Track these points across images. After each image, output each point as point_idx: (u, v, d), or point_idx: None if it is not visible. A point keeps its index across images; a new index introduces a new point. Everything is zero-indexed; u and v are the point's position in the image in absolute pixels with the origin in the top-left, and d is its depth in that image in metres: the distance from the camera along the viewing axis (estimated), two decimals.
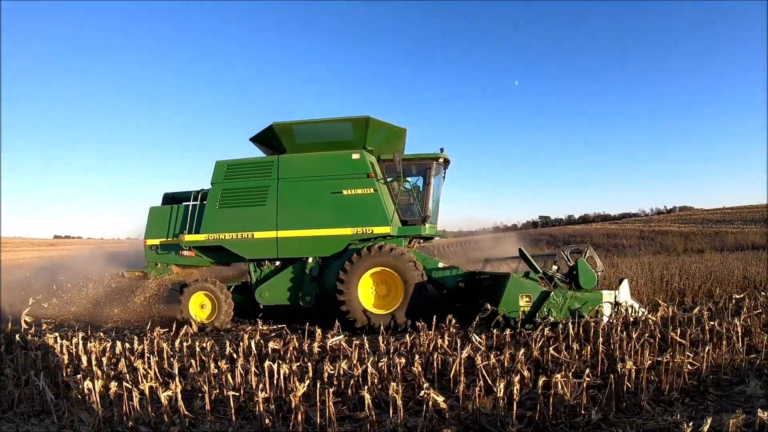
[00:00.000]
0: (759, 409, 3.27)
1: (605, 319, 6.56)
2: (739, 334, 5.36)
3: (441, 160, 9.01)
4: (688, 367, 4.50)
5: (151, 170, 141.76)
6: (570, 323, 5.99)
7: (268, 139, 8.99)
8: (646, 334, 5.54)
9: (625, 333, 5.50)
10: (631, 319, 6.49)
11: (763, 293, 7.98)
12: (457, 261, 13.29)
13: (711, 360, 4.76)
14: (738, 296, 7.61)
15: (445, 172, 9.44)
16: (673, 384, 4.30)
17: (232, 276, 10.69)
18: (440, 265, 8.56)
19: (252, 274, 9.13)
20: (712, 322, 5.67)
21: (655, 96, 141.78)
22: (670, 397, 4.15)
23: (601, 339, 5.50)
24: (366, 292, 8.18)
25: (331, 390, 3.80)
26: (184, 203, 9.35)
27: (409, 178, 9.20)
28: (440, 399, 3.70)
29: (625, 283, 7.47)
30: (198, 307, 8.79)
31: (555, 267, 7.90)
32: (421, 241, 10.05)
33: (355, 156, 8.48)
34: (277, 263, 9.00)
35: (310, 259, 8.65)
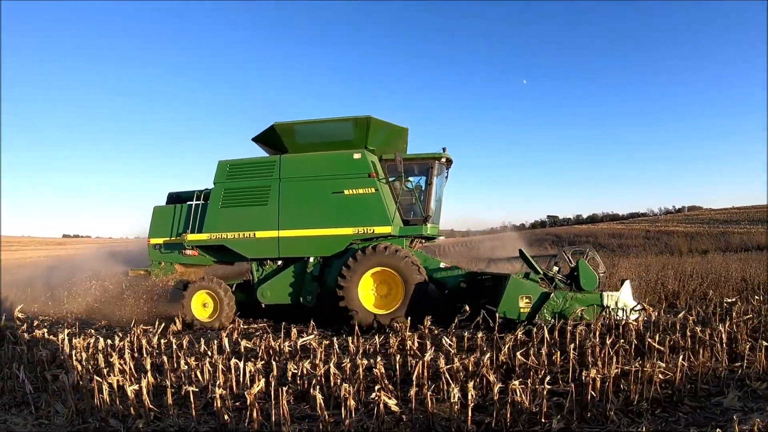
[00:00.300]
0: (719, 429, 3.17)
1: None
2: (723, 340, 5.12)
3: (443, 160, 8.98)
4: (660, 376, 4.30)
5: (159, 170, 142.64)
6: (545, 327, 5.89)
7: (269, 139, 9.04)
8: (622, 340, 5.34)
9: (598, 338, 5.30)
10: (619, 323, 6.27)
11: (756, 297, 7.69)
12: (461, 261, 13.27)
13: (688, 369, 4.53)
14: (729, 300, 7.37)
15: (447, 172, 9.40)
16: (644, 393, 4.11)
17: (235, 275, 10.75)
18: (442, 265, 8.54)
19: (254, 273, 9.17)
20: (698, 327, 5.45)
21: (670, 94, 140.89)
22: (639, 408, 3.97)
23: (573, 344, 5.31)
24: (367, 292, 8.17)
25: (285, 389, 3.86)
26: (187, 203, 9.44)
27: (411, 178, 9.18)
28: (392, 402, 3.70)
29: (627, 284, 7.32)
30: (200, 305, 8.86)
31: (556, 268, 7.83)
32: (423, 241, 10.04)
33: (357, 156, 8.50)
34: (279, 263, 9.03)
35: (312, 259, 8.67)
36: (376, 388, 3.80)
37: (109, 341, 6.28)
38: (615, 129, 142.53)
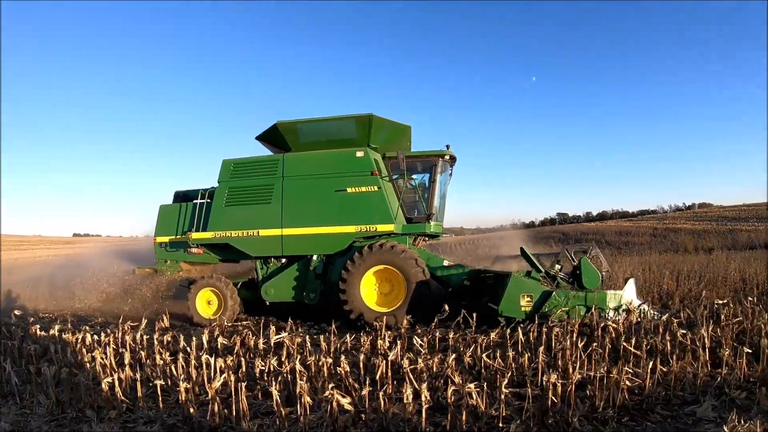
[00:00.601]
0: None
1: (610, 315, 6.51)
2: (706, 345, 4.82)
3: (447, 157, 8.98)
4: (627, 383, 4.02)
5: (159, 170, 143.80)
6: (520, 328, 5.81)
7: (272, 137, 9.09)
8: (595, 343, 5.13)
9: (568, 341, 5.07)
10: (599, 324, 6.08)
11: (750, 299, 7.22)
12: (466, 258, 13.24)
13: (663, 375, 4.31)
14: (720, 301, 7.11)
15: (451, 170, 9.40)
16: (610, 400, 3.89)
17: (240, 272, 10.85)
18: (445, 263, 8.54)
19: (258, 271, 9.24)
20: (680, 331, 5.22)
21: (670, 94, 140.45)
22: (604, 415, 3.76)
23: (543, 346, 5.19)
24: (369, 290, 8.18)
25: (244, 384, 3.94)
26: (192, 201, 9.53)
27: (414, 176, 9.19)
28: (345, 400, 3.71)
29: (631, 282, 7.27)
30: (205, 303, 8.97)
31: (558, 266, 7.77)
32: (427, 239, 10.06)
33: (359, 154, 8.51)
34: (283, 260, 9.09)
35: (315, 257, 8.71)
36: (330, 386, 3.82)
37: (96, 336, 6.40)
38: (617, 128, 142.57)
